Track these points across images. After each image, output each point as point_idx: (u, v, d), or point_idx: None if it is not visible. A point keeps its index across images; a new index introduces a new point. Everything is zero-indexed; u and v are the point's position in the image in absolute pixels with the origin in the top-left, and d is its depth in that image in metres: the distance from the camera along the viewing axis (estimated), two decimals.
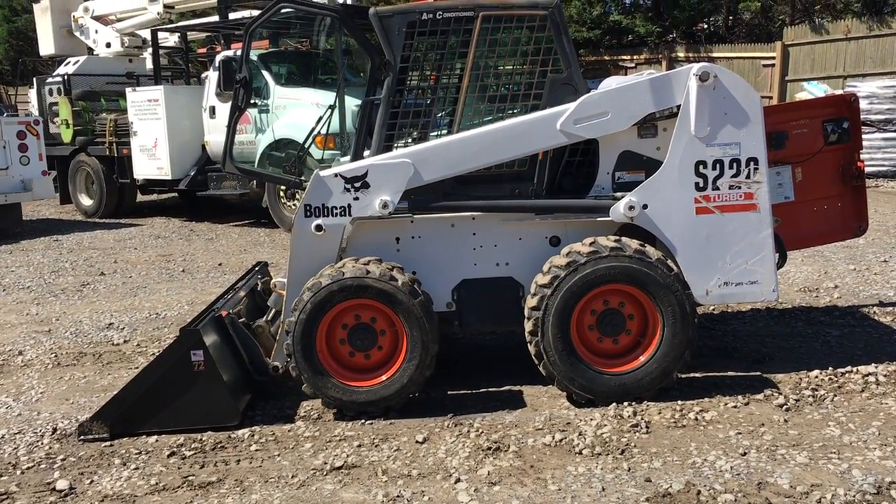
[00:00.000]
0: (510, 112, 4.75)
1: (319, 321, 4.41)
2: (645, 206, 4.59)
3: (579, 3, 20.56)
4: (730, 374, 4.87)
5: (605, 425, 4.18)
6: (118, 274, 8.94)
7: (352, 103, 10.80)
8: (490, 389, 4.85)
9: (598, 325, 4.52)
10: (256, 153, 11.71)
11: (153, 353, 5.90)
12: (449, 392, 4.82)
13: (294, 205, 11.43)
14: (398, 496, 3.58)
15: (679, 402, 4.43)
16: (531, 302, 4.46)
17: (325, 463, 3.95)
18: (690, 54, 19.55)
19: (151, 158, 12.99)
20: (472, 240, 4.79)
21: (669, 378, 4.47)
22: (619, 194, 4.66)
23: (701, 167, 4.59)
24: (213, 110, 12.38)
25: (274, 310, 5.04)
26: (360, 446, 4.14)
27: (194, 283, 8.34)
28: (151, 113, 12.84)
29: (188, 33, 14.15)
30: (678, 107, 4.57)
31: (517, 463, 3.83)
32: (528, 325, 4.48)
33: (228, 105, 11.82)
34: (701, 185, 4.60)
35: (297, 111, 11.41)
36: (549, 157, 4.75)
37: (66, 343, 6.28)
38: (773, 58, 17.97)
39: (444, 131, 4.81)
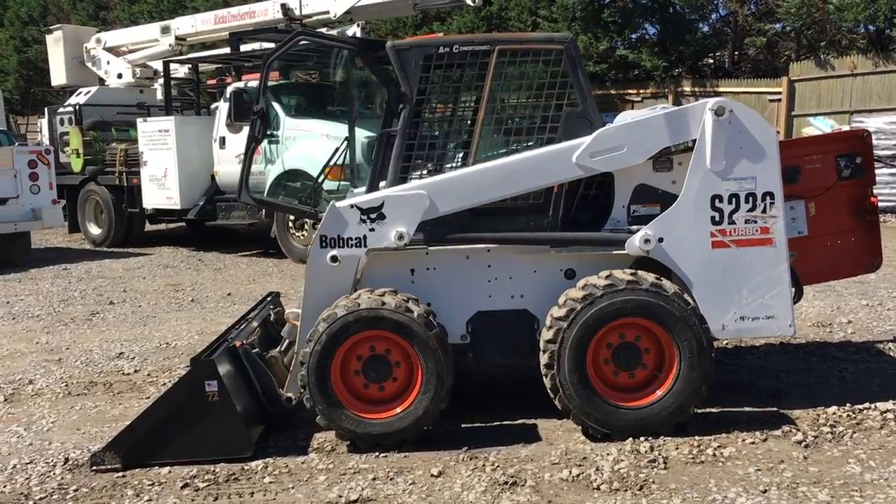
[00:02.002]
0: (525, 145, 4.77)
1: (334, 352, 4.40)
2: (661, 240, 4.59)
3: (585, 38, 20.72)
4: (746, 409, 4.83)
5: (623, 460, 4.14)
6: (127, 303, 8.94)
7: (362, 135, 10.88)
8: (504, 423, 4.82)
9: (613, 359, 4.50)
10: (266, 184, 11.77)
11: (164, 384, 5.88)
12: (463, 425, 4.79)
13: (302, 235, 11.46)
14: None
15: (696, 437, 4.39)
16: (547, 335, 4.44)
17: (340, 496, 3.92)
18: (697, 89, 19.66)
19: (161, 188, 13.05)
20: (487, 272, 4.78)
21: (686, 413, 4.44)
22: (634, 227, 4.66)
23: (717, 201, 4.59)
24: (223, 141, 12.45)
25: (287, 340, 5.02)
26: (374, 479, 4.10)
27: (203, 312, 8.34)
28: (162, 143, 12.92)
29: (199, 65, 14.29)
30: (694, 141, 4.59)
31: (535, 498, 3.80)
32: (543, 358, 4.45)
33: (238, 136, 12.00)
34: (717, 219, 4.59)
35: (307, 142, 11.47)
36: (564, 190, 4.75)
37: (77, 372, 6.26)
38: (780, 93, 18.06)
39: (460, 164, 4.83)
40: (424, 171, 4.86)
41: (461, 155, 4.90)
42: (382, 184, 4.90)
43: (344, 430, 4.43)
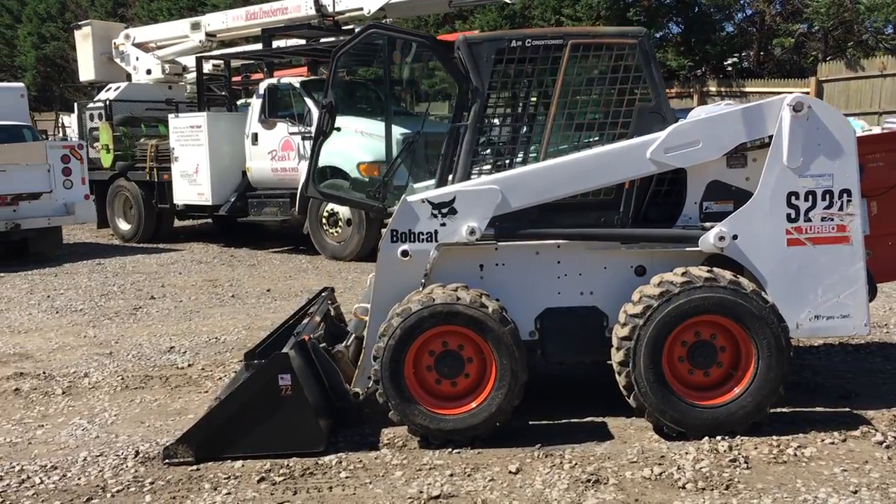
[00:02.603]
0: (597, 140, 4.73)
1: (408, 347, 4.37)
2: (735, 237, 4.54)
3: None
4: (818, 409, 4.78)
5: (703, 459, 4.10)
6: (168, 298, 8.93)
7: (397, 132, 10.85)
8: (572, 420, 4.78)
9: (688, 357, 4.45)
10: (300, 180, 11.76)
11: (219, 378, 5.87)
12: (531, 422, 4.74)
13: (336, 232, 11.45)
14: None
15: (774, 437, 4.33)
16: (622, 332, 4.39)
17: (421, 492, 3.88)
18: (722, 89, 19.59)
19: (192, 184, 13.06)
20: (557, 268, 4.74)
21: (763, 412, 4.39)
22: (707, 224, 4.61)
23: (793, 198, 4.54)
24: (255, 137, 12.45)
25: (354, 335, 5.00)
26: (452, 475, 4.07)
27: (246, 308, 8.32)
28: (194, 139, 12.93)
29: (226, 61, 14.28)
30: (770, 137, 4.54)
31: (620, 496, 3.76)
32: (617, 356, 4.41)
33: (271, 132, 12.00)
34: (793, 216, 4.55)
35: (341, 138, 11.43)
36: (635, 186, 4.71)
37: (130, 366, 6.25)
38: (808, 93, 17.95)
39: (531, 159, 4.79)
40: (494, 166, 4.83)
41: (531, 150, 4.85)
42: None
43: (417, 426, 4.40)
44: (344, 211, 11.29)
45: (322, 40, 13.22)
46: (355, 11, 12.72)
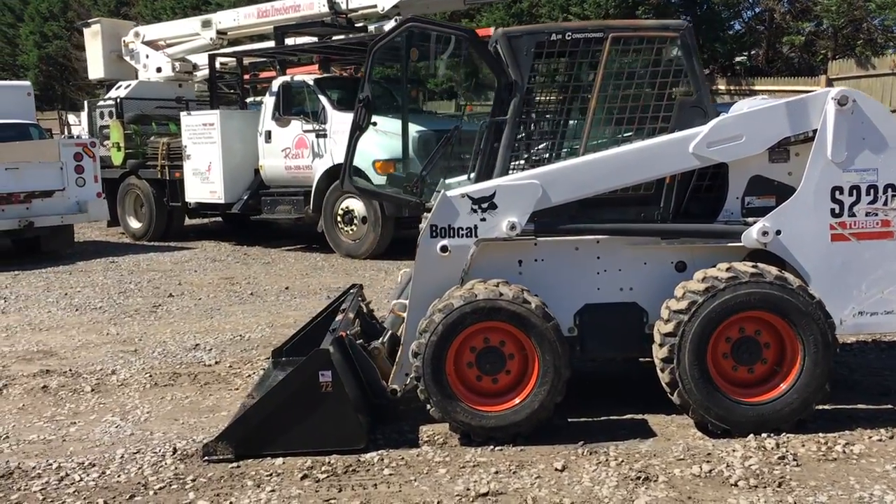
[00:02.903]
0: (638, 134, 4.68)
1: (450, 343, 4.32)
2: (778, 232, 4.49)
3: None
4: (860, 406, 4.74)
5: (751, 457, 4.05)
6: (186, 296, 8.88)
7: (413, 130, 10.80)
8: (612, 417, 4.74)
9: (732, 353, 4.40)
10: (314, 178, 11.72)
11: (248, 375, 5.83)
12: (569, 419, 4.70)
13: (351, 230, 11.39)
14: None
15: (820, 434, 4.29)
16: (666, 328, 4.35)
17: (468, 489, 3.84)
18: (732, 87, 19.53)
19: (205, 182, 13.01)
20: (596, 263, 4.70)
21: (809, 409, 4.34)
22: (750, 220, 4.57)
23: (837, 193, 4.50)
24: (268, 135, 12.40)
25: (390, 332, 4.95)
26: (497, 473, 4.02)
27: (266, 305, 8.27)
28: (206, 137, 12.87)
29: (239, 59, 14.22)
30: (814, 131, 4.49)
31: (672, 494, 3.71)
32: (660, 352, 4.37)
33: (285, 130, 11.94)
34: (837, 211, 4.50)
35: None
36: (676, 181, 4.67)
37: (157, 363, 6.20)
38: None
39: (571, 153, 4.74)
40: (534, 161, 4.78)
41: (571, 144, 4.80)
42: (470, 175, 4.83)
43: (458, 423, 4.35)
44: (359, 209, 11.24)
45: (334, 38, 13.17)
46: (369, 9, 12.68)
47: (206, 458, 4.28)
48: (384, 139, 11.16)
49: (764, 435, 4.29)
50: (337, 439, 4.31)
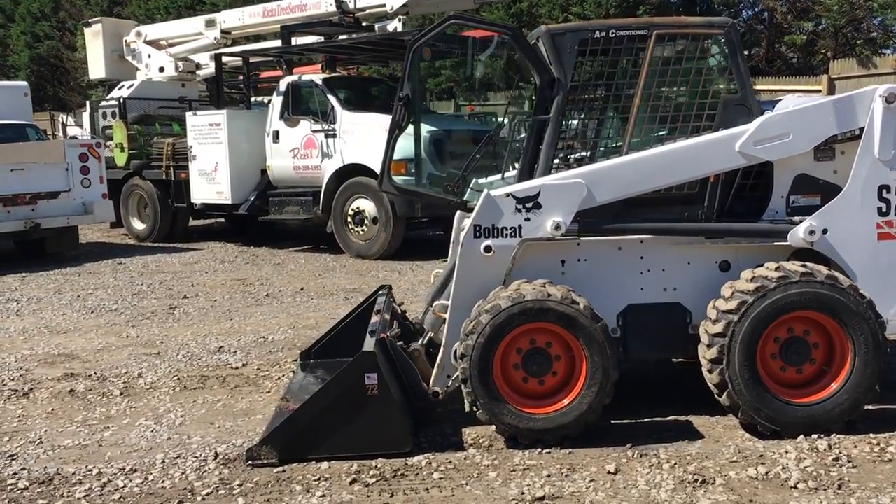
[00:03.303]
0: (681, 133, 4.63)
1: (498, 345, 4.26)
2: (825, 231, 4.46)
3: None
4: None
5: (805, 458, 4.01)
6: (201, 297, 8.79)
7: (424, 130, 10.74)
8: (655, 419, 4.69)
9: (781, 354, 4.36)
10: (323, 178, 11.64)
11: (278, 378, 5.76)
12: (612, 421, 4.64)
13: (361, 230, 11.31)
14: None
15: (871, 435, 4.25)
16: (714, 328, 4.30)
17: (522, 493, 3.78)
18: None
19: (211, 183, 12.91)
20: (640, 263, 4.65)
21: (859, 410, 4.30)
22: (796, 218, 4.53)
23: (884, 192, 4.47)
24: (276, 135, 12.31)
25: (430, 333, 4.89)
26: (549, 476, 3.97)
27: (284, 307, 8.19)
28: (212, 137, 12.77)
29: (245, 59, 14.13)
30: (861, 129, 4.46)
31: (732, 497, 3.66)
32: (709, 353, 4.32)
33: (294, 130, 11.85)
34: (884, 209, 4.47)
35: (366, 136, 11.33)
36: (720, 180, 4.62)
37: (182, 366, 6.12)
38: (820, 91, 17.90)
39: (614, 152, 4.69)
40: (576, 160, 4.73)
41: (615, 143, 4.75)
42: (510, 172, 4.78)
43: (505, 426, 4.29)
44: (370, 209, 11.17)
45: (340, 37, 13.09)
46: (377, 8, 12.60)
47: (250, 462, 4.20)
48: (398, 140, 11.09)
49: (814, 436, 4.25)
50: (382, 443, 4.25)
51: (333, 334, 5.88)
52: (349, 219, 11.41)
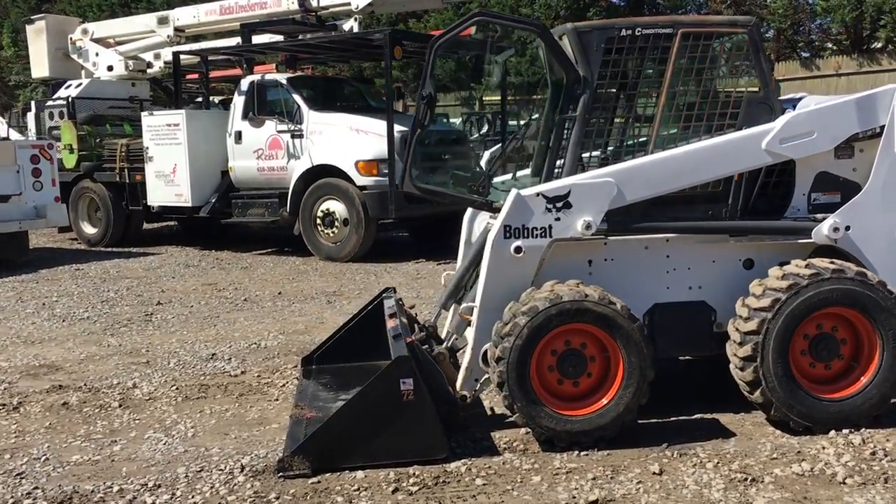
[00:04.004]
0: (705, 131, 4.63)
1: (535, 347, 4.19)
2: (847, 228, 4.51)
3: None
4: None
5: (843, 454, 4.04)
6: (175, 303, 8.51)
7: (396, 130, 10.62)
8: (682, 418, 4.68)
9: (810, 350, 4.39)
10: (290, 179, 11.41)
11: (282, 385, 5.59)
12: (639, 421, 4.61)
13: (332, 232, 11.12)
14: None
15: None
16: (747, 326, 4.30)
17: (574, 497, 3.72)
18: None
19: (169, 185, 12.55)
20: (666, 262, 4.64)
21: (886, 404, 4.37)
22: (819, 216, 4.58)
23: None
24: (239, 135, 12.04)
25: (455, 336, 4.79)
26: (594, 479, 3.91)
27: (266, 312, 7.98)
28: (171, 138, 12.41)
29: (203, 57, 13.77)
30: (881, 127, 4.53)
31: (786, 495, 3.66)
32: (741, 351, 4.32)
33: (259, 130, 11.58)
34: None
35: (334, 137, 11.16)
36: (744, 178, 4.64)
37: (178, 375, 5.88)
38: None
39: (640, 151, 4.67)
40: (602, 159, 4.69)
41: (640, 141, 4.72)
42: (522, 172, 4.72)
43: (543, 428, 4.22)
44: (340, 210, 10.99)
45: (305, 36, 12.86)
46: (342, 6, 12.42)
47: (282, 473, 4.04)
48: (365, 139, 10.97)
49: (845, 431, 4.29)
50: (418, 450, 4.14)
51: (335, 339, 5.75)
52: (318, 221, 11.20)
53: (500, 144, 10.84)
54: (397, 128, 10.68)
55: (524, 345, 4.16)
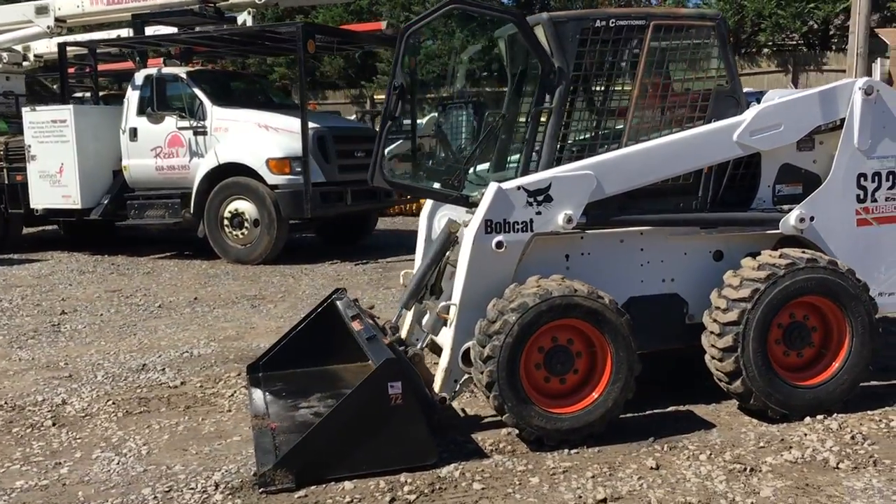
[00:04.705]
0: (677, 123, 4.64)
1: (525, 344, 4.07)
2: (812, 219, 4.62)
3: (462, 35, 20.82)
4: (873, 383, 4.93)
5: (826, 439, 4.12)
6: (82, 312, 7.90)
7: (310, 128, 10.30)
8: (655, 411, 4.67)
9: (784, 339, 4.46)
10: (193, 178, 10.86)
11: (230, 395, 5.24)
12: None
13: (241, 234, 10.65)
14: None
15: (869, 412, 4.45)
16: (727, 317, 4.32)
17: (580, 497, 3.62)
18: None
19: (55, 186, 11.73)
20: (640, 256, 4.63)
21: (855, 389, 4.49)
22: (786, 207, 4.67)
23: (862, 179, 4.69)
24: (134, 132, 11.38)
25: (429, 336, 4.60)
26: (593, 477, 3.82)
27: (188, 318, 7.52)
28: (57, 135, 11.61)
29: (92, 49, 12.92)
30: (842, 120, 4.66)
31: (788, 483, 3.68)
32: (720, 342, 4.34)
33: (158, 127, 10.97)
34: (861, 197, 4.70)
35: (242, 134, 10.71)
36: (713, 170, 4.68)
37: (110, 389, 5.42)
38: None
39: (613, 144, 4.62)
40: (574, 152, 4.62)
41: (615, 133, 4.68)
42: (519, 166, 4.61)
43: (533, 428, 4.10)
44: (250, 211, 10.53)
45: (197, 28, 12.30)
46: None
47: (264, 489, 3.76)
48: (275, 136, 10.59)
49: (819, 417, 4.38)
50: (407, 456, 3.93)
51: (281, 346, 5.46)
52: (226, 222, 10.70)
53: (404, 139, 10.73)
54: (311, 125, 10.37)
55: (514, 342, 4.03)
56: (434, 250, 5.04)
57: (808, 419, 4.37)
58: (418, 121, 6.28)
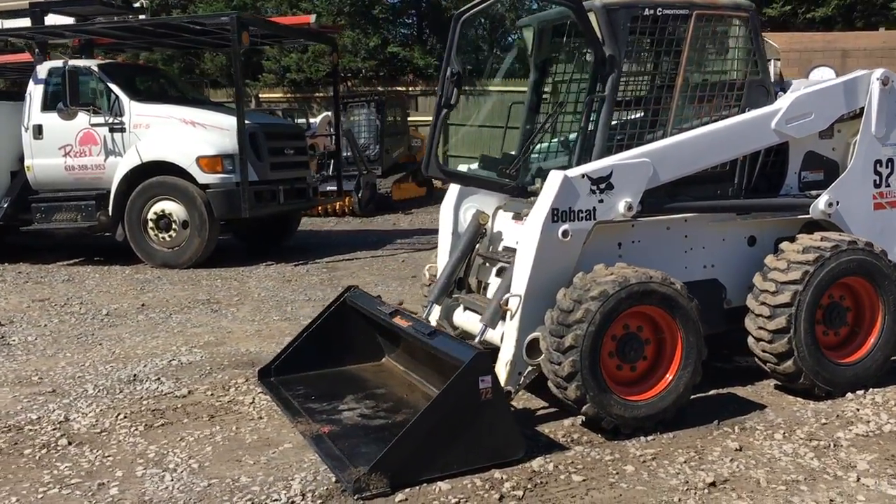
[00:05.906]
0: (716, 111, 4.73)
1: (606, 332, 4.03)
2: (837, 203, 4.82)
3: (354, 34, 20.58)
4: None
5: (881, 412, 4.32)
6: (21, 324, 7.21)
7: (227, 122, 9.87)
8: (700, 395, 4.73)
9: (824, 319, 4.63)
10: (111, 179, 10.16)
11: (251, 401, 4.92)
12: None
13: (169, 237, 10.04)
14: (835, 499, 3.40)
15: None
16: (778, 299, 4.44)
17: (687, 483, 3.61)
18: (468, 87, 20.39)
19: None
20: (684, 242, 4.69)
21: (888, 364, 4.72)
22: (813, 192, 4.85)
23: (878, 165, 4.95)
24: (38, 130, 10.55)
25: (489, 329, 4.46)
26: (686, 462, 3.83)
27: (149, 326, 7.00)
28: None
29: None
30: (861, 109, 4.88)
31: (874, 455, 3.82)
32: (771, 324, 4.45)
33: (71, 123, 10.20)
34: (877, 182, 4.95)
35: (166, 131, 10.11)
36: (748, 158, 4.80)
37: (111, 402, 4.96)
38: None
39: (659, 130, 4.66)
40: (620, 140, 4.62)
41: (659, 121, 4.70)
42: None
43: (613, 417, 4.06)
44: (178, 212, 9.95)
45: (98, 19, 11.54)
46: None
47: (359, 495, 3.54)
48: (204, 133, 10.08)
49: (859, 392, 4.58)
50: (495, 451, 3.81)
51: (292, 349, 5.24)
52: (151, 224, 10.06)
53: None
54: (245, 121, 9.93)
55: (597, 331, 3.98)
56: (463, 243, 4.93)
57: (849, 395, 4.56)
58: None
